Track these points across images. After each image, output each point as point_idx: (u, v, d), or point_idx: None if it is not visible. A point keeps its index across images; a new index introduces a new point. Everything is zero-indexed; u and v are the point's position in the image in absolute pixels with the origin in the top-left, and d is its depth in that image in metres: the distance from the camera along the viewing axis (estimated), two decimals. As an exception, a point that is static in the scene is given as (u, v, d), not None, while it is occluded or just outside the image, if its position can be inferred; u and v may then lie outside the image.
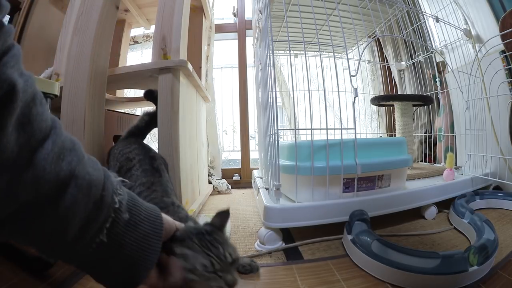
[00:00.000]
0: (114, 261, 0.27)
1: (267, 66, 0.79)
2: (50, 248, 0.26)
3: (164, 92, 0.78)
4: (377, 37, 1.55)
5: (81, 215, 0.25)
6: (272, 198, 0.73)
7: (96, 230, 0.26)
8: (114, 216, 0.27)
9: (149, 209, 0.31)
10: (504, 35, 0.93)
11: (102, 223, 0.26)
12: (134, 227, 0.28)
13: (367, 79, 1.80)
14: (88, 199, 0.25)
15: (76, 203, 0.24)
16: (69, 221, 0.24)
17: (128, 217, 0.28)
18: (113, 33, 0.86)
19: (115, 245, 0.27)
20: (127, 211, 0.28)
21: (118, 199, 0.28)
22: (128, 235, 0.28)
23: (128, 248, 0.28)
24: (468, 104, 1.03)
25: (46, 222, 0.24)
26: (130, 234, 0.28)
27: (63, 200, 0.24)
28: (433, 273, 0.45)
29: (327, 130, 0.73)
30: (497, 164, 1.01)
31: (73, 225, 0.25)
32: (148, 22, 1.36)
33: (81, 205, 0.25)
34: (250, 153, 1.66)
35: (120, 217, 0.27)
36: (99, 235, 0.26)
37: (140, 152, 0.62)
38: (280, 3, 1.11)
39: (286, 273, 0.55)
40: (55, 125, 0.26)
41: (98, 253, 0.26)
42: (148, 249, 0.29)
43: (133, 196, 0.31)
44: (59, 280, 0.51)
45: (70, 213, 0.24)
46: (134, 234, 0.28)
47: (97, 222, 0.26)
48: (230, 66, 1.78)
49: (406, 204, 0.77)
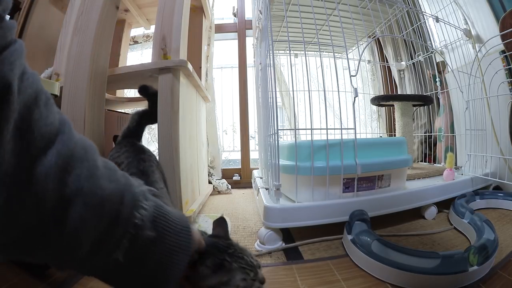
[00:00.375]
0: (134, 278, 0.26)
1: (267, 66, 0.79)
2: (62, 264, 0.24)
3: (164, 92, 0.78)
4: (377, 37, 1.55)
5: (92, 234, 0.22)
6: (272, 198, 0.73)
7: (111, 249, 0.23)
8: (133, 233, 0.24)
9: (178, 222, 0.28)
10: (504, 35, 0.93)
11: (118, 241, 0.24)
12: (159, 242, 0.26)
13: (367, 79, 1.80)
14: (100, 217, 0.22)
15: (85, 222, 0.22)
16: (79, 241, 0.22)
17: (151, 234, 0.25)
18: (113, 33, 0.85)
19: (134, 263, 0.25)
20: (152, 226, 0.25)
21: (140, 213, 0.25)
22: (151, 252, 0.25)
23: (149, 267, 0.25)
24: (468, 104, 1.03)
25: (52, 244, 0.21)
26: (153, 251, 0.25)
27: (69, 220, 0.21)
28: (433, 273, 0.45)
29: (327, 130, 0.73)
30: (497, 164, 1.01)
31: (84, 244, 0.22)
32: (148, 22, 1.36)
33: (92, 223, 0.22)
34: (250, 153, 1.66)
35: (142, 234, 0.25)
36: (113, 254, 0.23)
37: (130, 155, 0.61)
38: (280, 3, 1.11)
39: (286, 273, 0.55)
40: (63, 129, 0.23)
41: (117, 269, 0.24)
42: (172, 267, 0.27)
43: (161, 206, 0.27)
44: (59, 280, 0.51)
45: (80, 233, 0.22)
46: (158, 250, 0.26)
47: (111, 241, 0.23)
48: (230, 66, 1.78)
49: (406, 204, 0.77)
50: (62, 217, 0.21)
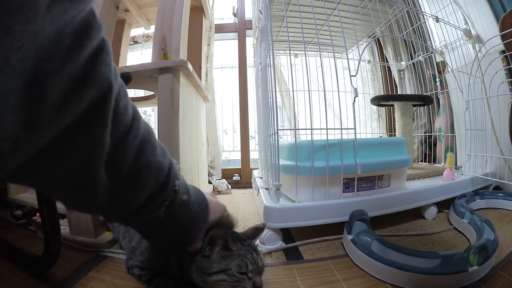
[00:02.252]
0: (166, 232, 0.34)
1: (267, 66, 0.79)
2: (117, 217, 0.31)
3: (164, 92, 0.78)
4: (377, 37, 1.55)
5: (148, 193, 0.30)
6: (272, 198, 0.73)
7: (157, 206, 0.31)
8: (172, 196, 0.32)
9: (198, 194, 0.37)
10: (504, 35, 0.93)
11: (162, 201, 0.31)
12: (186, 206, 0.34)
13: (367, 79, 1.80)
14: (156, 181, 0.30)
15: (148, 184, 0.29)
16: (140, 197, 0.29)
17: (184, 198, 0.34)
18: (113, 33, 0.85)
19: (170, 220, 0.33)
20: (185, 192, 0.34)
21: (177, 182, 0.33)
22: (182, 213, 0.34)
23: (179, 224, 0.34)
24: (468, 104, 1.03)
25: (120, 199, 0.28)
26: (183, 212, 0.34)
27: (138, 183, 0.28)
28: (433, 273, 0.45)
29: (327, 130, 0.73)
30: (497, 164, 1.01)
31: (141, 200, 0.29)
32: (148, 22, 1.36)
33: (151, 185, 0.29)
34: (250, 153, 1.66)
35: (177, 198, 0.33)
36: (157, 210, 0.31)
37: None
38: (280, 3, 1.11)
39: (286, 273, 0.55)
40: (136, 116, 0.28)
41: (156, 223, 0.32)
42: (194, 226, 0.35)
43: (184, 181, 0.36)
44: (59, 280, 0.51)
45: (142, 192, 0.29)
46: (185, 213, 0.34)
47: (159, 200, 0.31)
48: (230, 66, 1.77)
49: (406, 204, 0.77)
50: (133, 181, 0.28)
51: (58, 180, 0.24)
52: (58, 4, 0.18)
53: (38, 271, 0.53)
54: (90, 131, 0.23)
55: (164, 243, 0.36)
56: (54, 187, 0.25)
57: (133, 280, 0.47)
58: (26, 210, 0.73)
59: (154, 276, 0.44)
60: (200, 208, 0.36)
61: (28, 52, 0.17)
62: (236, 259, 0.38)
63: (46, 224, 0.52)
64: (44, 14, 0.17)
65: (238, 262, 0.38)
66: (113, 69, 0.24)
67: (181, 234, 0.35)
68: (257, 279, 0.38)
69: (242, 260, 0.38)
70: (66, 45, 0.19)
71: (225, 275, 0.37)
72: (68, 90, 0.20)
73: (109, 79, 0.23)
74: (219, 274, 0.37)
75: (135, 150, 0.27)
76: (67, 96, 0.20)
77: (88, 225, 0.66)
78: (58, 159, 0.22)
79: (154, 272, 0.45)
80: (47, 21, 0.17)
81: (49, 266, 0.53)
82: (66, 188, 0.25)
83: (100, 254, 0.63)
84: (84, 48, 0.21)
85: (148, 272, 0.45)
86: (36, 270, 0.54)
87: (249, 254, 0.39)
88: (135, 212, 0.30)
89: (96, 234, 0.67)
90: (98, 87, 0.22)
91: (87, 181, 0.24)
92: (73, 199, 0.27)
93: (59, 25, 0.19)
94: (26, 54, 0.17)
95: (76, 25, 0.20)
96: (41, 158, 0.21)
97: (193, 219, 0.35)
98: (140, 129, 0.28)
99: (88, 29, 0.21)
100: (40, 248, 0.53)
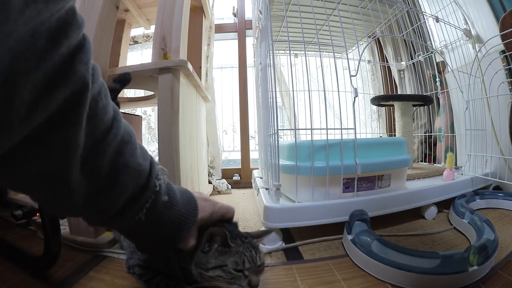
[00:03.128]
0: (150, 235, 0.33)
1: (267, 66, 0.79)
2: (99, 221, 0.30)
3: (164, 92, 0.78)
4: (377, 37, 1.55)
5: (128, 195, 0.29)
6: (272, 198, 0.73)
7: (139, 208, 0.30)
8: (154, 198, 0.31)
9: (185, 193, 0.36)
10: (504, 35, 0.93)
11: (144, 203, 0.31)
12: (170, 207, 0.33)
13: (367, 79, 1.80)
14: (136, 183, 0.29)
15: (126, 187, 0.28)
16: (119, 199, 0.29)
17: (166, 199, 0.33)
18: (113, 33, 0.85)
19: (152, 222, 0.32)
20: (166, 192, 0.33)
21: (158, 183, 0.32)
22: (165, 213, 0.33)
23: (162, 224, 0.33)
24: (468, 104, 1.03)
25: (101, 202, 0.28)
26: (166, 213, 0.33)
27: (117, 184, 0.28)
28: (433, 273, 0.45)
29: (327, 130, 0.73)
30: (497, 164, 1.01)
31: (121, 202, 0.29)
32: (148, 22, 1.36)
33: (130, 188, 0.29)
34: (250, 153, 1.65)
35: (159, 199, 0.32)
36: (139, 213, 0.30)
37: None
38: (280, 3, 1.11)
39: (286, 273, 0.55)
40: (117, 117, 0.28)
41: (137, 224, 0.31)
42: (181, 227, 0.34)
43: (169, 182, 0.35)
44: (59, 280, 0.51)
45: (121, 194, 0.28)
46: (170, 213, 0.33)
47: (139, 202, 0.30)
48: (230, 66, 1.77)
49: (406, 204, 0.77)
50: (111, 183, 0.27)
51: (32, 179, 0.23)
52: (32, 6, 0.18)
53: (38, 271, 0.53)
54: (63, 130, 0.22)
55: (149, 244, 0.35)
56: (28, 187, 0.25)
57: (133, 280, 0.47)
58: (26, 210, 0.73)
59: (154, 276, 0.44)
60: (188, 208, 0.35)
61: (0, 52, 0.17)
62: (234, 255, 0.38)
63: (46, 224, 0.52)
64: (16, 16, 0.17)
65: (235, 259, 0.38)
66: (91, 68, 0.24)
67: (167, 235, 0.34)
68: (254, 278, 0.38)
69: (240, 257, 0.38)
70: (41, 45, 0.19)
71: (221, 271, 0.37)
72: (41, 89, 0.20)
73: (85, 77, 0.23)
74: (215, 270, 0.37)
75: (114, 150, 0.27)
76: (40, 95, 0.20)
77: (88, 225, 0.66)
78: (30, 158, 0.22)
79: (155, 272, 0.45)
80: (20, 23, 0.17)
81: (49, 266, 0.53)
82: (40, 188, 0.24)
83: (100, 254, 0.63)
84: (60, 47, 0.20)
85: (149, 272, 0.45)
86: (36, 270, 0.54)
87: (247, 252, 0.39)
88: (116, 214, 0.29)
89: (96, 234, 0.67)
90: (72, 86, 0.22)
91: (62, 181, 0.24)
92: (50, 200, 0.26)
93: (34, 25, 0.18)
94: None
95: (53, 23, 0.20)
96: (13, 157, 0.21)
97: (179, 220, 0.34)
98: (121, 130, 0.28)
99: (65, 27, 0.21)
100: (40, 248, 0.53)
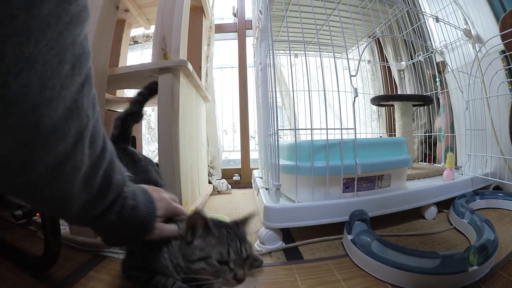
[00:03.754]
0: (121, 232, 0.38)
1: (267, 66, 0.79)
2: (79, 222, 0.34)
3: (164, 92, 0.78)
4: (377, 37, 1.55)
5: (108, 203, 0.34)
6: (272, 198, 0.73)
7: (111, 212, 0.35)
8: (123, 202, 0.36)
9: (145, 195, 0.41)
10: (504, 35, 0.93)
11: (117, 208, 0.35)
12: (134, 209, 0.38)
13: (367, 79, 1.80)
14: (114, 194, 0.34)
15: (108, 197, 0.33)
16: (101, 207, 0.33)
17: (132, 203, 0.37)
18: (113, 33, 0.85)
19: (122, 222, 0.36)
20: (132, 197, 0.37)
21: (126, 189, 0.36)
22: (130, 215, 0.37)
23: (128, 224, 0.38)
24: (468, 104, 1.03)
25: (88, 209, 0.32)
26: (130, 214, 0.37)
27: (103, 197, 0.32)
28: (433, 273, 0.45)
29: (327, 130, 0.73)
30: (497, 164, 1.01)
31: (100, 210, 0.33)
32: (148, 22, 1.36)
33: (109, 198, 0.34)
34: (250, 153, 1.65)
35: (127, 203, 0.36)
36: (111, 216, 0.35)
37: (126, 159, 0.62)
38: (280, 3, 1.11)
39: (286, 273, 0.55)
40: (105, 138, 0.31)
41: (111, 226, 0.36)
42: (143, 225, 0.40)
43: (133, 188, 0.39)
44: (59, 280, 0.51)
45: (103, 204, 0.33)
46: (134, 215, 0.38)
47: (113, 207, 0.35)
48: (230, 66, 1.77)
49: (406, 204, 0.77)
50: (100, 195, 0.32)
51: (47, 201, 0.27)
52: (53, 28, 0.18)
53: (38, 271, 0.53)
54: (74, 161, 0.25)
55: (118, 239, 0.40)
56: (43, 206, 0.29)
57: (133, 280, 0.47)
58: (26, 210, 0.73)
59: (152, 277, 0.43)
60: (148, 209, 0.40)
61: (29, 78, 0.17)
62: (218, 246, 0.37)
63: (46, 224, 0.52)
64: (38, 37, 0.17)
65: (219, 249, 0.36)
66: (91, 99, 0.26)
67: (133, 231, 0.39)
68: (239, 271, 0.36)
69: (224, 247, 0.37)
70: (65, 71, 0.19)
71: (205, 263, 0.36)
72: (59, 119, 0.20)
73: (87, 111, 0.24)
74: (200, 262, 0.36)
75: (105, 168, 0.31)
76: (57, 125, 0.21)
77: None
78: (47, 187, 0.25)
79: (152, 272, 0.44)
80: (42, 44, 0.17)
81: (49, 266, 0.53)
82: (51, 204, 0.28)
83: (100, 254, 0.63)
84: (78, 76, 0.21)
85: (146, 273, 0.44)
86: (36, 270, 0.54)
87: (233, 242, 0.38)
88: (96, 217, 0.34)
89: (96, 234, 0.67)
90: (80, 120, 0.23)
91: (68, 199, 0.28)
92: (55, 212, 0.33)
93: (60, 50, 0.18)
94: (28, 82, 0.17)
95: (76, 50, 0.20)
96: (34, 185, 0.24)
97: (142, 219, 0.39)
98: (108, 150, 0.31)
99: (83, 55, 0.21)
100: (40, 248, 0.53)
